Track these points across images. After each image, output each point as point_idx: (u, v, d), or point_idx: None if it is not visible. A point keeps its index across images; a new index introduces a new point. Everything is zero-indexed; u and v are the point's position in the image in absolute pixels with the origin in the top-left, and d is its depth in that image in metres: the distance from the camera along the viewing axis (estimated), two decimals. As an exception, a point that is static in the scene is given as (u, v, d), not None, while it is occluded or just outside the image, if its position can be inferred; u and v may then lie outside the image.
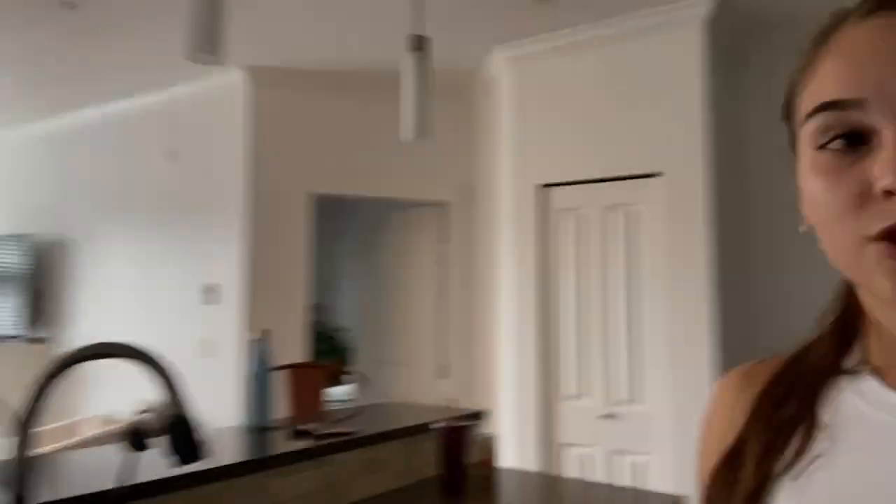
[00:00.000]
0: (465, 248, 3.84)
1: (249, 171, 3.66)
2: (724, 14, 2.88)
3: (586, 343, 3.05)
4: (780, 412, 0.53)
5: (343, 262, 5.63)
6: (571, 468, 3.01)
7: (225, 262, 3.70)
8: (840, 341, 0.55)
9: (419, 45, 2.01)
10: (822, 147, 0.46)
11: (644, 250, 2.95)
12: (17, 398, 4.20)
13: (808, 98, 0.48)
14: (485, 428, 2.06)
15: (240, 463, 1.36)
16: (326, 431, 1.64)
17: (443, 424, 1.78)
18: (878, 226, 0.43)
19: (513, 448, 3.10)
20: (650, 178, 2.95)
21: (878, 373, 0.51)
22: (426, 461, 1.85)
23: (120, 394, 4.04)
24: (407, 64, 2.02)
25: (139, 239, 4.20)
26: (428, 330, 3.93)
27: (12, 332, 4.45)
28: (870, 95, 0.43)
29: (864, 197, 0.43)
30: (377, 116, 3.63)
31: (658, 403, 2.84)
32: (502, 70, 3.41)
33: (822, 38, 0.48)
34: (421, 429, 1.85)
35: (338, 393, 4.48)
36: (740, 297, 3.02)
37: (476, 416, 2.07)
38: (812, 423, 0.51)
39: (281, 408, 2.72)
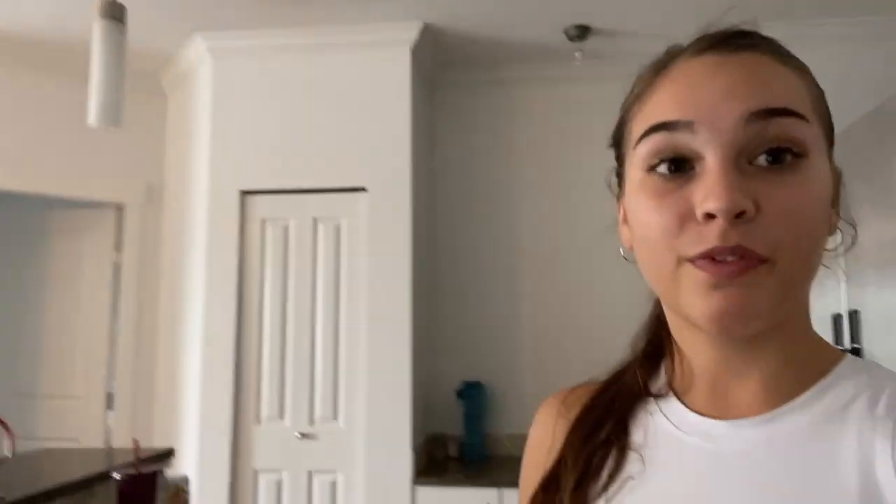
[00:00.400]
0: (147, 259, 3.35)
1: None
2: (427, 44, 3.02)
3: (288, 361, 2.88)
4: (594, 436, 0.55)
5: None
6: (267, 494, 2.79)
7: None
8: (650, 365, 0.58)
9: (113, 12, 1.65)
10: (651, 169, 0.48)
11: (348, 266, 2.90)
12: None
13: (641, 122, 0.50)
14: (174, 469, 1.76)
15: None
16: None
17: (123, 472, 1.45)
18: (695, 249, 0.45)
19: (204, 481, 2.76)
20: (356, 193, 2.93)
21: (681, 395, 0.54)
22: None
23: None
24: (99, 33, 1.63)
25: None
26: (96, 353, 3.31)
27: None
28: (698, 119, 0.46)
29: (685, 219, 0.45)
30: (48, 97, 2.97)
31: (355, 420, 2.81)
32: (203, 61, 3.07)
33: (657, 70, 0.51)
34: (90, 482, 1.48)
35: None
36: (430, 317, 3.18)
37: (164, 455, 1.75)
38: (624, 445, 0.53)
39: None
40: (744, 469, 0.47)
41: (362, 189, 2.91)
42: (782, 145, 0.45)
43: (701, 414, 0.52)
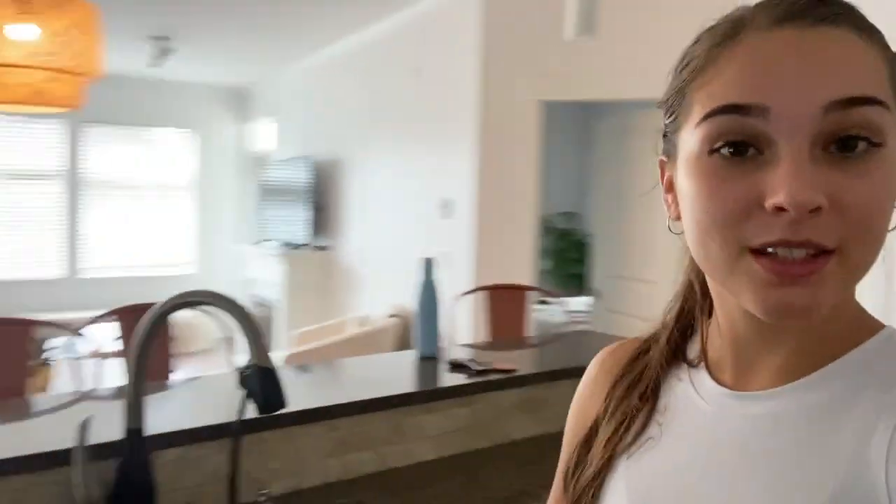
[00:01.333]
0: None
1: (481, 81, 3.60)
2: None
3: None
4: (628, 396, 0.58)
5: (597, 171, 5.38)
6: None
7: (459, 176, 3.77)
8: (682, 334, 0.59)
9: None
10: (713, 151, 0.45)
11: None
12: (310, 297, 4.98)
13: (706, 99, 0.46)
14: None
15: (379, 399, 1.38)
16: (483, 368, 1.57)
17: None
18: (760, 239, 0.43)
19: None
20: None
21: (711, 364, 0.54)
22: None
23: (375, 297, 4.53)
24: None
25: (389, 155, 4.50)
26: (671, 246, 3.54)
27: (302, 241, 5.22)
28: (774, 105, 0.43)
29: (750, 208, 0.43)
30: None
31: None
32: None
33: (723, 39, 0.47)
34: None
35: (576, 304, 4.40)
36: None
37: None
38: (652, 408, 0.56)
39: (480, 332, 2.74)
40: (744, 441, 0.49)
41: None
42: (861, 133, 0.42)
43: (723, 384, 0.52)
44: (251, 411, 1.00)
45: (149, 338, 1.01)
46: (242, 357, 1.03)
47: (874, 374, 0.46)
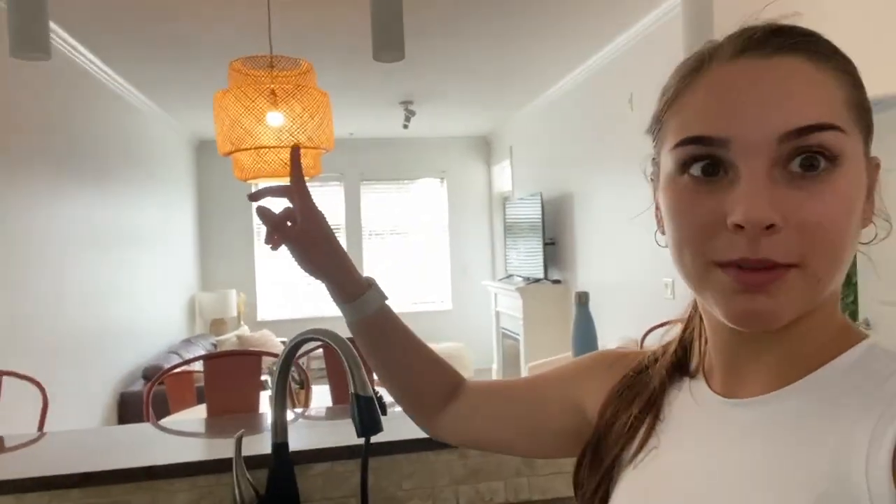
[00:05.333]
0: None
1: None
2: None
3: None
4: (634, 405, 0.61)
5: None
6: None
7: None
8: (685, 350, 0.62)
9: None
10: (685, 173, 0.49)
11: None
12: (548, 330, 5.18)
13: (676, 127, 0.50)
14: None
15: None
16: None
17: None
18: (724, 256, 0.46)
19: None
20: None
21: (707, 374, 0.58)
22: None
23: (606, 330, 4.42)
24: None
25: (614, 186, 4.44)
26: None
27: (539, 275, 5.37)
28: (731, 137, 0.46)
29: (716, 225, 0.47)
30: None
31: None
32: None
33: (694, 70, 0.50)
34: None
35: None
36: None
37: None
38: (656, 417, 0.59)
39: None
40: (734, 447, 0.50)
41: None
42: (816, 151, 0.45)
43: (717, 393, 0.55)
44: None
45: (285, 366, 1.23)
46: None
47: (854, 382, 0.48)
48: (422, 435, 1.08)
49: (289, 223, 0.79)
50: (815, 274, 0.46)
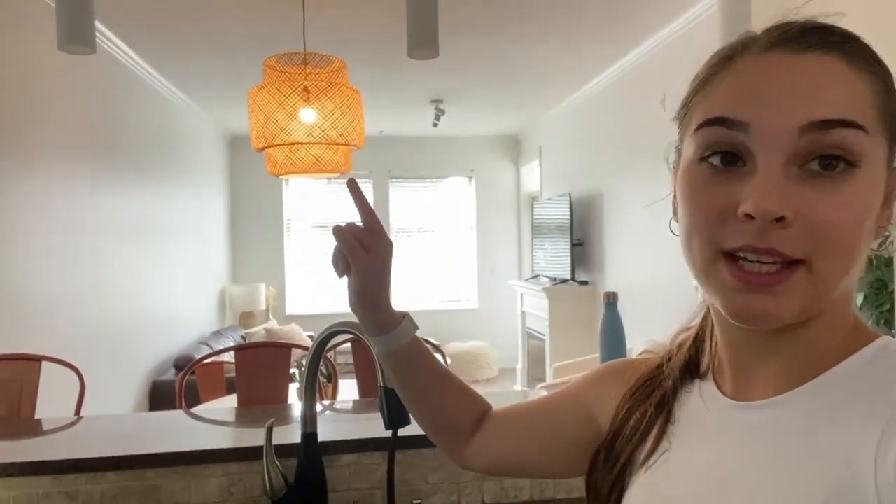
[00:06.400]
0: None
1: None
2: None
3: None
4: (647, 402, 0.61)
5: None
6: None
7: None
8: (697, 351, 0.62)
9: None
10: (704, 159, 0.49)
11: None
12: (574, 331, 5.16)
13: (701, 111, 0.50)
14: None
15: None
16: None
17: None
18: (732, 243, 0.46)
19: None
20: None
21: (717, 376, 0.58)
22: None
23: (633, 331, 4.38)
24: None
25: (644, 187, 4.41)
26: None
27: (566, 276, 5.34)
28: (753, 121, 0.46)
29: (727, 214, 0.47)
30: None
31: None
32: None
33: (727, 60, 0.50)
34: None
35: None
36: None
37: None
38: (667, 419, 0.59)
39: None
40: (744, 450, 0.50)
41: None
42: (835, 153, 0.44)
43: (726, 395, 0.55)
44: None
45: (315, 358, 1.25)
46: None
47: (865, 383, 0.47)
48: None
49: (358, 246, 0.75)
50: (820, 275, 0.46)
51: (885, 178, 0.48)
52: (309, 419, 1.26)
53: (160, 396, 4.32)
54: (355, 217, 0.79)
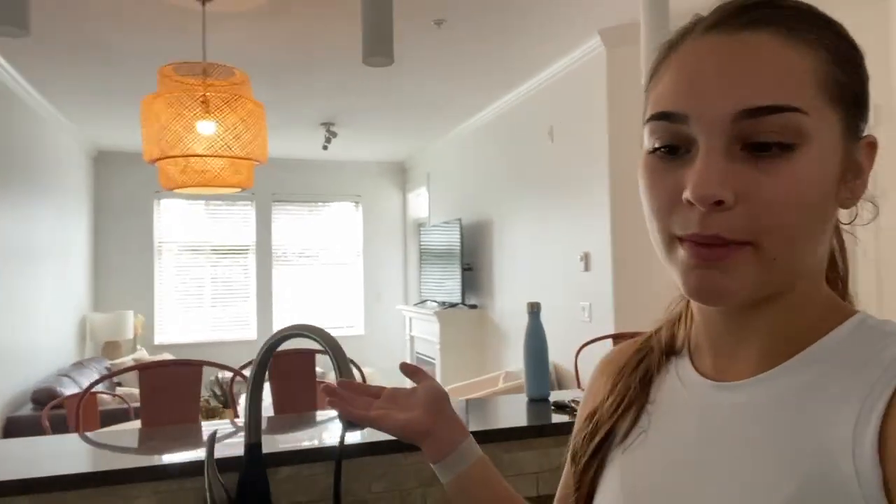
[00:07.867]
0: None
1: (609, 137, 3.64)
2: None
3: None
4: (624, 390, 0.61)
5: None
6: None
7: (596, 231, 3.77)
8: (673, 330, 0.62)
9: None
10: (653, 151, 0.50)
11: None
12: (465, 354, 5.19)
13: (651, 103, 0.51)
14: None
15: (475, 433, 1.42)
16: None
17: None
18: (681, 231, 0.48)
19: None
20: None
21: (693, 356, 0.58)
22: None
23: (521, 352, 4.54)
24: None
25: (531, 214, 4.62)
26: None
27: (455, 301, 5.44)
28: (691, 113, 0.47)
29: (674, 201, 0.48)
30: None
31: None
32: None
33: (671, 46, 0.51)
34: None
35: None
36: None
37: None
38: (644, 400, 0.59)
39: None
40: (723, 430, 0.50)
41: None
42: (772, 139, 0.45)
43: (704, 373, 0.55)
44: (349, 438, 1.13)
45: (261, 367, 1.19)
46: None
47: (843, 360, 0.47)
48: (390, 437, 1.08)
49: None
50: (769, 253, 0.46)
51: (840, 150, 0.47)
52: (253, 429, 1.20)
53: (18, 433, 3.84)
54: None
